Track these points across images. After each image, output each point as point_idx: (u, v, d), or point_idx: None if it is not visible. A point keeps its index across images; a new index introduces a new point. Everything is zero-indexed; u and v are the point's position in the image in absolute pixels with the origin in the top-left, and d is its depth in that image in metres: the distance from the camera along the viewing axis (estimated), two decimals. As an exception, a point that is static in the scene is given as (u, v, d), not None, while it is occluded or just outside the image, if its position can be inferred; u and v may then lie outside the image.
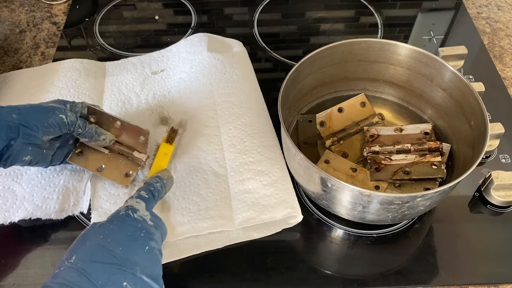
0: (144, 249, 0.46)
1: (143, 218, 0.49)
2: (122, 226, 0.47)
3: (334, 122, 0.67)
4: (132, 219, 0.48)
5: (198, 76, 0.71)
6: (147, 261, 0.46)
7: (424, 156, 0.61)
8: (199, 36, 0.77)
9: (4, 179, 0.62)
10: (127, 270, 0.44)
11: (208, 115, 0.67)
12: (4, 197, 0.60)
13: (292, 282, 0.55)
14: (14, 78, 0.74)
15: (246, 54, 0.77)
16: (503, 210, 0.61)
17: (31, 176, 0.62)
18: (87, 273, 0.42)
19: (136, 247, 0.46)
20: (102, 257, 0.44)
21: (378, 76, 0.68)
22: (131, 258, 0.45)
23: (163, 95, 0.71)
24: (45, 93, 0.70)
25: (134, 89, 0.72)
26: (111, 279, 0.43)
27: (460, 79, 0.60)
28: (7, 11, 0.88)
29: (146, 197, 0.52)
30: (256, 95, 0.70)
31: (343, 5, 0.90)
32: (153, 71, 0.74)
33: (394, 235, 0.59)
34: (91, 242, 0.45)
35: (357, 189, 0.50)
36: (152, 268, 0.46)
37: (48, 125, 0.54)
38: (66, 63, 0.74)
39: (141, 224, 0.48)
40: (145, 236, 0.47)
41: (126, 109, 0.70)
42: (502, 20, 0.87)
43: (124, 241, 0.46)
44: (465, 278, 0.56)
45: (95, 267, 0.43)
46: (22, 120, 0.53)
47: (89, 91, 0.70)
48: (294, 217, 0.58)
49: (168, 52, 0.77)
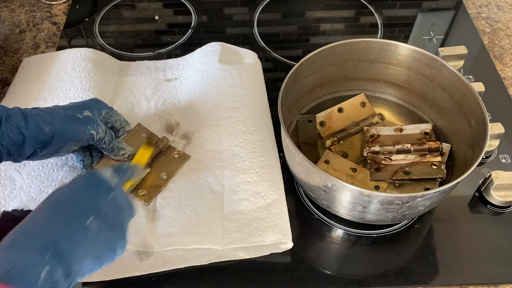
0: (107, 198, 0.46)
1: (107, 179, 0.48)
2: (85, 177, 0.48)
3: (334, 122, 0.67)
4: (96, 175, 0.48)
5: (207, 88, 0.70)
6: (110, 208, 0.46)
7: (424, 156, 0.61)
8: (213, 45, 0.76)
9: (7, 167, 0.62)
10: (90, 211, 0.44)
11: (213, 130, 0.66)
12: (3, 185, 0.61)
13: (292, 282, 0.55)
14: (35, 62, 0.74)
15: (259, 66, 0.75)
16: (503, 210, 0.61)
17: (33, 167, 0.62)
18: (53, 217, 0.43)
19: (99, 193, 0.46)
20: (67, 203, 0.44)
21: (378, 76, 0.68)
22: (93, 204, 0.45)
23: (173, 104, 0.70)
24: (59, 81, 0.70)
25: (145, 92, 0.72)
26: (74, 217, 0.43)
27: (460, 79, 0.60)
28: (7, 11, 0.88)
29: (110, 169, 0.51)
30: (262, 110, 0.69)
31: (343, 5, 0.90)
32: (167, 78, 0.74)
33: (394, 235, 0.59)
34: (55, 194, 0.45)
35: (357, 189, 0.50)
36: (114, 217, 0.46)
37: (78, 139, 0.55)
38: (83, 52, 0.73)
39: (104, 180, 0.48)
40: (109, 188, 0.47)
41: (135, 111, 0.69)
42: (502, 20, 0.87)
43: (87, 188, 0.46)
44: (465, 278, 0.56)
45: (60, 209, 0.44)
46: (54, 135, 0.53)
47: (102, 85, 0.70)
48: (283, 243, 0.56)
49: (184, 61, 0.76)
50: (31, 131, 0.52)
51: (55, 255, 0.40)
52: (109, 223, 0.45)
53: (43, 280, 0.38)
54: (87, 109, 0.57)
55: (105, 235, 0.44)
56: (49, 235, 0.41)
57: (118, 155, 0.60)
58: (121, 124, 0.63)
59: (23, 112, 0.52)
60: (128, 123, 0.64)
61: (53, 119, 0.54)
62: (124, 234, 0.47)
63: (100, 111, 0.59)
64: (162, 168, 0.62)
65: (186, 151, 0.65)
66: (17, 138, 0.51)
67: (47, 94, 0.69)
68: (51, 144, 0.53)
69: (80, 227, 0.43)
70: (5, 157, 0.52)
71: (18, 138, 0.51)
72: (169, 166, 0.63)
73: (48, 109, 0.55)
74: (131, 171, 0.54)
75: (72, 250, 0.41)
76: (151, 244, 0.56)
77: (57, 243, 0.41)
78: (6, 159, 0.53)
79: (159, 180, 0.61)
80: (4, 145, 0.51)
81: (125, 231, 0.47)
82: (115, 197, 0.47)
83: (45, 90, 0.69)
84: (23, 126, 0.51)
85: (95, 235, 0.43)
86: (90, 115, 0.57)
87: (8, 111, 0.52)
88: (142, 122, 0.67)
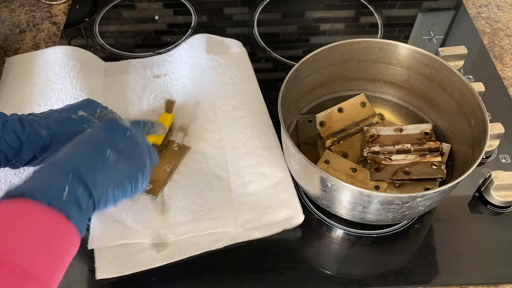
0: (125, 136, 0.48)
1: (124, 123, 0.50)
2: (103, 122, 0.50)
3: (334, 122, 0.67)
4: (113, 120, 0.51)
5: (198, 80, 0.71)
6: (127, 144, 0.48)
7: (424, 156, 0.61)
8: (198, 38, 0.77)
9: (6, 172, 0.62)
10: (108, 146, 0.46)
11: (209, 119, 0.67)
12: (4, 191, 0.60)
13: (292, 282, 0.55)
14: (20, 63, 0.74)
15: (245, 54, 0.76)
16: (503, 210, 0.61)
17: (32, 171, 0.62)
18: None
19: (116, 133, 0.48)
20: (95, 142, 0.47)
21: (378, 76, 0.68)
22: (112, 140, 0.47)
23: (165, 98, 0.71)
24: (49, 83, 0.69)
25: (135, 91, 0.72)
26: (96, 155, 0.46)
27: (460, 79, 0.60)
28: (7, 11, 0.88)
29: (132, 120, 0.53)
30: (255, 95, 0.70)
31: (343, 5, 0.90)
32: (155, 75, 0.74)
33: (394, 235, 0.59)
34: (75, 138, 0.48)
35: (357, 189, 0.50)
36: (132, 151, 0.48)
37: None
38: (69, 50, 0.72)
39: (122, 123, 0.50)
40: (125, 128, 0.49)
41: (128, 110, 0.70)
42: (502, 20, 0.87)
43: (105, 129, 0.48)
44: (465, 278, 0.56)
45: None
46: (52, 138, 0.53)
47: (92, 85, 0.70)
48: (295, 218, 0.58)
49: (170, 56, 0.77)
50: (28, 136, 0.52)
51: (75, 176, 0.42)
52: (127, 155, 0.47)
53: (66, 194, 0.41)
54: (81, 109, 0.57)
55: (124, 166, 0.47)
56: (69, 162, 0.44)
57: None
58: None
59: (19, 118, 0.53)
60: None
61: (49, 122, 0.54)
62: (144, 167, 0.49)
63: (95, 110, 0.59)
64: (165, 161, 0.63)
65: (185, 143, 0.65)
66: (15, 143, 0.51)
67: (39, 98, 0.68)
68: (50, 148, 0.53)
69: (99, 157, 0.45)
70: (3, 162, 0.52)
71: (15, 143, 0.51)
72: (171, 158, 0.63)
73: (43, 114, 0.55)
74: (150, 124, 0.55)
75: (92, 175, 0.44)
76: (166, 235, 0.57)
77: (77, 168, 0.43)
78: (4, 165, 0.53)
79: (164, 173, 0.62)
80: (2, 150, 0.51)
81: (145, 164, 0.49)
82: (132, 134, 0.49)
83: (36, 93, 0.69)
84: (20, 131, 0.52)
85: (115, 165, 0.46)
86: (84, 114, 0.57)
87: (6, 117, 0.52)
88: (137, 119, 0.67)
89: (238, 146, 0.64)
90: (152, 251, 0.56)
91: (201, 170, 0.62)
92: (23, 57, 0.75)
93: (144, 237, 0.57)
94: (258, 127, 0.65)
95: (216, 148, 0.64)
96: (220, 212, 0.58)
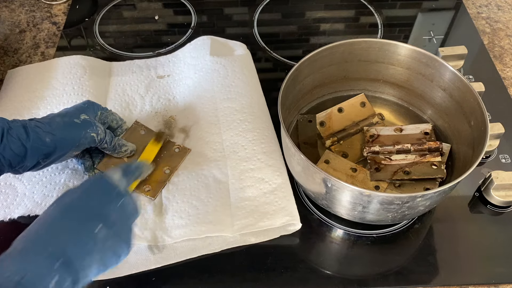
0: (117, 205, 0.46)
1: (116, 183, 0.48)
2: (95, 182, 0.48)
3: (334, 122, 0.67)
4: (105, 179, 0.48)
5: (201, 82, 0.71)
6: (118, 215, 0.46)
7: (424, 156, 0.61)
8: (202, 39, 0.77)
9: (6, 175, 0.62)
10: (99, 219, 0.44)
11: (211, 122, 0.66)
12: (5, 193, 0.61)
13: (292, 282, 0.55)
14: (20, 74, 0.74)
15: (249, 56, 0.76)
16: (503, 210, 0.61)
17: (33, 173, 0.62)
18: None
19: (109, 200, 0.46)
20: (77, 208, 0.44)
21: (378, 76, 0.68)
22: (103, 211, 0.45)
23: (168, 100, 0.71)
24: (50, 89, 0.70)
25: (138, 91, 0.72)
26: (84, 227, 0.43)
27: (460, 79, 0.60)
28: (7, 11, 0.88)
29: (118, 169, 0.51)
30: (258, 99, 0.70)
31: (343, 5, 0.90)
32: (159, 75, 0.74)
33: (394, 235, 0.59)
34: (64, 199, 0.45)
35: (357, 189, 0.50)
36: (122, 223, 0.46)
37: (80, 144, 0.55)
38: (72, 59, 0.73)
39: (114, 186, 0.47)
40: (119, 194, 0.47)
41: (130, 110, 0.70)
42: (502, 20, 0.87)
43: (96, 194, 0.46)
44: (465, 278, 0.56)
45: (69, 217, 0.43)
46: (56, 145, 0.53)
47: (94, 89, 0.70)
48: (292, 225, 0.58)
49: (174, 57, 0.77)
50: (33, 143, 0.51)
51: (64, 264, 0.40)
52: (116, 230, 0.45)
53: (53, 286, 0.39)
54: (83, 113, 0.57)
55: (111, 241, 0.44)
56: (58, 244, 0.41)
57: (121, 152, 0.61)
58: (118, 123, 0.63)
59: (23, 124, 0.52)
60: (124, 121, 0.65)
61: (52, 128, 0.53)
62: (130, 240, 0.47)
63: (96, 113, 0.59)
64: (164, 163, 0.63)
65: (186, 145, 0.65)
66: (19, 150, 0.51)
67: (39, 103, 0.68)
68: (54, 154, 0.53)
69: (89, 236, 0.43)
70: (6, 169, 0.52)
71: (20, 151, 0.51)
72: (170, 160, 0.63)
73: (45, 119, 0.55)
74: (139, 170, 0.54)
75: (81, 259, 0.42)
76: (162, 237, 0.56)
77: (66, 252, 0.41)
78: (8, 171, 0.52)
79: (163, 175, 0.62)
80: (6, 158, 0.50)
81: (130, 237, 0.47)
82: (124, 203, 0.47)
83: (36, 98, 0.69)
84: (25, 138, 0.51)
85: (103, 243, 0.43)
86: (87, 118, 0.56)
87: (9, 123, 0.51)
88: (139, 119, 0.67)
89: (238, 149, 0.63)
90: (148, 253, 0.56)
91: (200, 173, 0.62)
92: (26, 68, 0.75)
93: (140, 239, 0.56)
94: (259, 130, 0.65)
95: (217, 151, 0.64)
96: (218, 216, 0.58)
